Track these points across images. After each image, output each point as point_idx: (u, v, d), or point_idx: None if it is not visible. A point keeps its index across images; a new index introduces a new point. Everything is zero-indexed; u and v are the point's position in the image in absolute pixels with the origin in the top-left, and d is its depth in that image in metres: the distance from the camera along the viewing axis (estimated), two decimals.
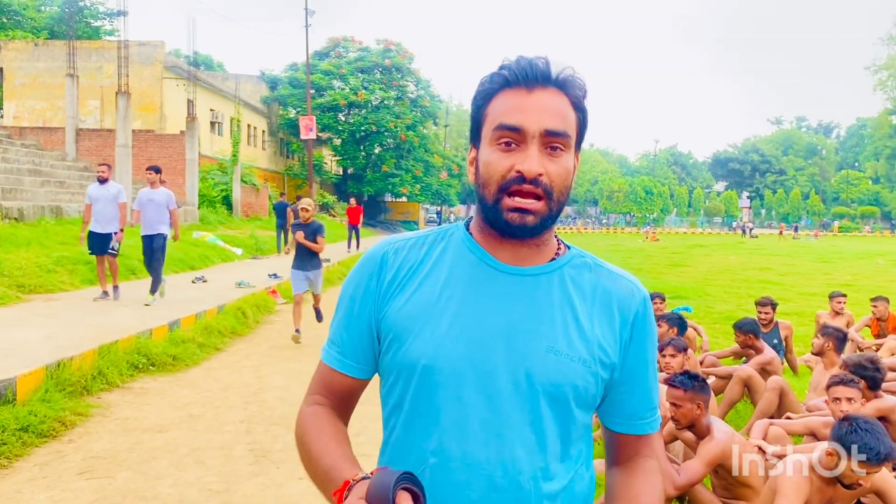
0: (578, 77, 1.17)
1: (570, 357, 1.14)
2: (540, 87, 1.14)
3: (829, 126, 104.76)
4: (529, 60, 1.15)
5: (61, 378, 5.46)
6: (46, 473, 4.16)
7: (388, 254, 1.25)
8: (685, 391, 3.42)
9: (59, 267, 10.52)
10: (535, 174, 1.10)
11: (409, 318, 1.17)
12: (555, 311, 1.17)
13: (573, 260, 1.24)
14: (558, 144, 1.13)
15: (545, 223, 1.15)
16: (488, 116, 1.17)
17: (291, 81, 43.12)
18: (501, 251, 1.20)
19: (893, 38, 78.47)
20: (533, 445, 1.13)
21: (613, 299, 1.22)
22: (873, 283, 15.92)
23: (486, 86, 1.18)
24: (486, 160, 1.15)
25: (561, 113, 1.14)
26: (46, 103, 27.80)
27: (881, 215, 76.30)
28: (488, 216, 1.18)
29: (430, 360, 1.14)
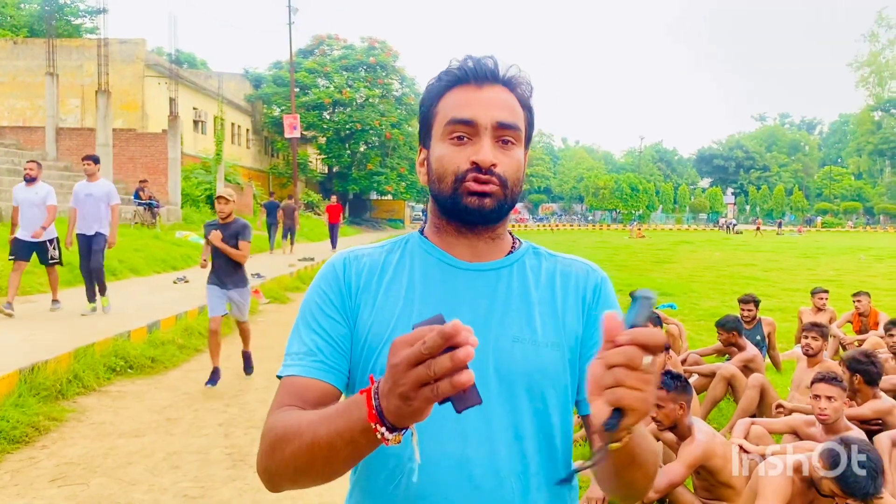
0: (525, 75, 1.21)
1: (535, 343, 1.14)
2: (489, 85, 1.17)
3: (812, 122, 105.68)
4: (477, 59, 1.18)
5: (35, 382, 5.36)
6: (18, 481, 4.07)
7: (347, 260, 1.23)
8: (668, 392, 3.39)
9: (37, 268, 10.35)
10: (489, 163, 1.12)
11: (380, 325, 1.15)
12: (518, 301, 1.18)
13: (528, 252, 1.27)
14: (509, 138, 1.16)
15: (501, 208, 1.16)
16: (438, 114, 1.18)
17: (275, 79, 42.90)
18: (459, 248, 1.21)
19: (875, 35, 79.33)
20: (512, 440, 1.11)
21: (572, 280, 1.24)
22: (856, 279, 16.04)
23: (434, 85, 1.20)
24: (440, 155, 1.17)
25: (511, 107, 1.17)
26: (26, 102, 27.47)
27: (863, 211, 77.03)
28: (445, 207, 1.18)
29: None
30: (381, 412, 0.86)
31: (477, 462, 1.09)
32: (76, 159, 23.76)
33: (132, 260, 12.91)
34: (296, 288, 13.50)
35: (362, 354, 1.16)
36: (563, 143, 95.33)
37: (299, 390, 1.14)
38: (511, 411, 1.12)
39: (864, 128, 78.75)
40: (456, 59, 1.20)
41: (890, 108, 76.47)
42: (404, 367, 0.81)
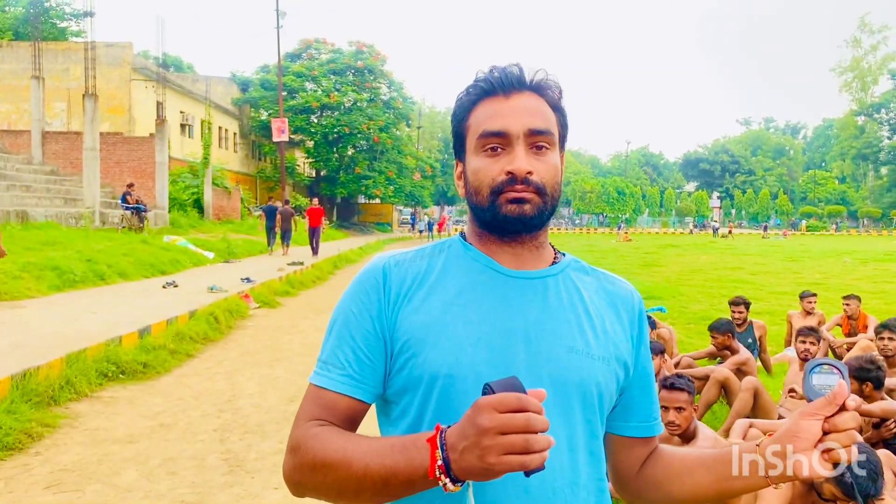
0: (552, 79, 1.20)
1: (589, 356, 1.15)
2: (517, 93, 1.17)
3: (796, 127, 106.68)
4: (503, 69, 1.18)
5: (27, 388, 5.31)
6: (12, 488, 4.04)
7: (388, 266, 1.21)
8: (690, 394, 3.42)
9: (26, 273, 10.27)
10: (524, 172, 1.12)
11: (424, 329, 1.13)
12: (568, 312, 1.18)
13: (572, 264, 1.27)
14: (543, 143, 1.16)
15: (542, 216, 1.16)
16: (471, 128, 1.19)
17: (263, 83, 42.76)
18: (503, 256, 1.20)
19: (858, 40, 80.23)
20: (565, 449, 1.12)
21: (617, 300, 1.25)
22: (841, 282, 16.19)
23: (463, 99, 1.21)
24: (475, 168, 1.17)
25: (542, 113, 1.17)
26: (11, 105, 27.26)
27: (847, 214, 77.74)
28: (485, 218, 1.18)
29: (451, 369, 1.10)
30: (448, 464, 0.91)
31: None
32: (62, 163, 23.63)
33: (121, 264, 12.82)
34: (285, 292, 13.46)
35: (406, 360, 1.13)
36: None
37: (328, 404, 1.14)
38: (566, 421, 1.12)
39: (848, 132, 79.53)
40: (482, 71, 1.20)
41: (873, 113, 77.28)
42: (494, 433, 0.86)
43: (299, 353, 8.09)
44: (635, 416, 1.27)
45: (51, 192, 20.09)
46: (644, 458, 1.27)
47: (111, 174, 24.02)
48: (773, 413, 4.91)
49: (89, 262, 11.87)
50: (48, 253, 11.84)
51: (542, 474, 1.03)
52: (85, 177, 18.91)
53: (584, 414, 1.14)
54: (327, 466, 1.04)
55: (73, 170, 22.97)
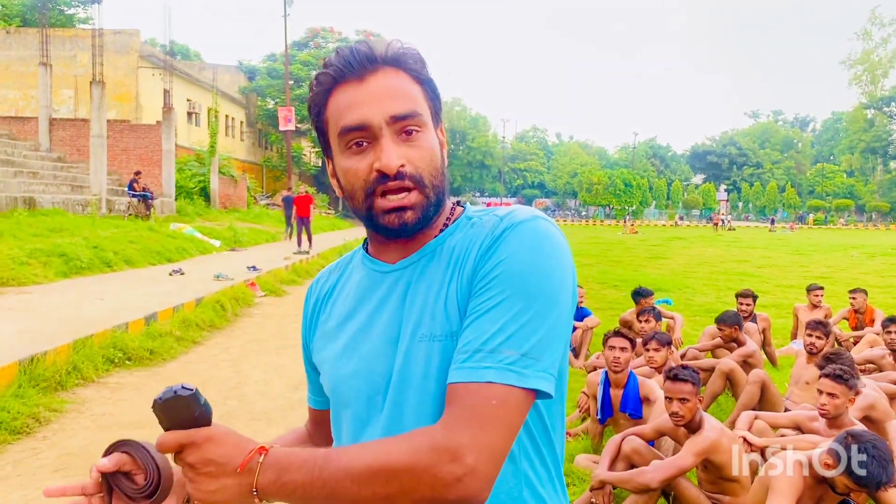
0: (410, 48, 1.06)
1: (432, 338, 1.00)
2: (370, 73, 1.02)
3: (805, 120, 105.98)
4: (350, 48, 1.04)
5: (35, 373, 5.34)
6: (20, 471, 4.06)
7: (314, 284, 1.26)
8: (694, 385, 3.41)
9: (33, 259, 10.30)
10: (395, 167, 1.00)
11: (323, 344, 1.17)
12: (426, 292, 1.03)
13: (459, 227, 1.09)
14: (412, 126, 1.02)
15: (427, 214, 1.04)
16: (329, 123, 1.06)
17: (270, 72, 42.74)
18: (390, 252, 1.11)
19: (868, 33, 79.62)
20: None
21: (472, 243, 1.03)
22: (848, 276, 16.14)
23: (316, 91, 1.07)
24: (343, 169, 1.06)
25: (403, 92, 1.03)
26: (19, 92, 27.29)
27: (855, 208, 77.38)
28: (367, 224, 1.09)
29: (333, 384, 1.13)
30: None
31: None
32: (69, 150, 23.68)
33: (127, 252, 12.85)
34: (291, 281, 13.47)
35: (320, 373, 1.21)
36: (557, 139, 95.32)
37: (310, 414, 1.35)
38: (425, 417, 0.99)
39: (857, 126, 79.03)
40: (329, 56, 1.06)
41: (882, 107, 76.76)
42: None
43: None
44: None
45: (58, 178, 20.14)
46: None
47: (118, 161, 24.06)
48: (780, 406, 4.90)
49: (96, 249, 11.90)
50: (55, 239, 11.86)
51: None
52: (92, 164, 18.93)
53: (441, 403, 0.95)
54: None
55: (79, 157, 23.02)
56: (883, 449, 2.69)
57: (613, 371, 4.37)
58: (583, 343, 7.15)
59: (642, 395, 4.34)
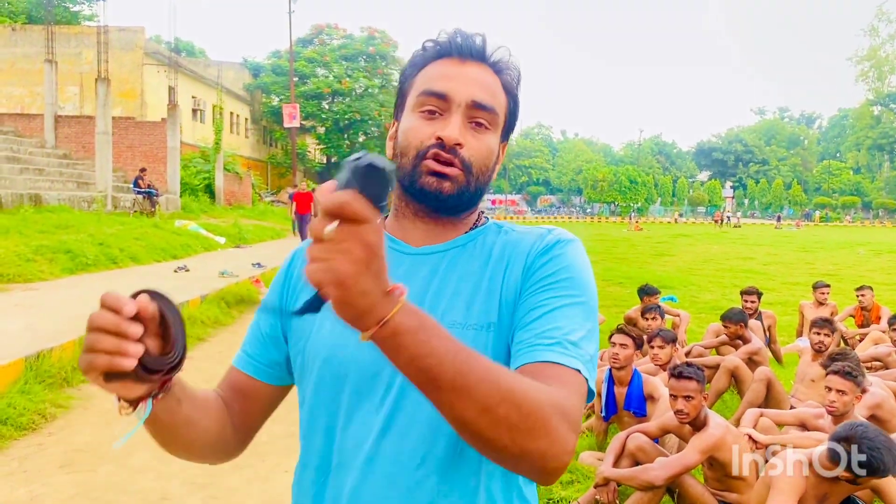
0: (514, 61, 1.13)
1: (473, 328, 1.03)
2: (473, 62, 1.09)
3: (811, 116, 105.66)
4: (466, 34, 1.10)
5: (41, 369, 5.35)
6: (26, 467, 4.08)
7: (298, 252, 1.21)
8: (698, 382, 3.40)
9: (39, 256, 10.34)
10: (454, 141, 1.04)
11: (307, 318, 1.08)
12: (457, 282, 1.07)
13: (488, 231, 1.14)
14: (483, 120, 1.07)
15: (461, 196, 1.07)
16: (415, 85, 1.10)
17: (274, 69, 42.77)
18: (413, 232, 1.12)
19: (875, 29, 79.28)
20: (449, 434, 1.00)
21: (520, 246, 1.09)
22: (855, 273, 16.08)
23: (417, 57, 1.13)
24: (406, 127, 1.09)
25: (492, 89, 1.09)
26: (24, 89, 27.36)
27: (862, 205, 77.08)
28: (404, 184, 1.09)
29: (327, 354, 1.07)
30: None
31: (393, 459, 1.01)
32: (75, 147, 23.73)
33: (132, 248, 12.88)
34: None
35: (296, 345, 1.14)
36: (562, 136, 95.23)
37: (230, 378, 1.21)
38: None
39: (864, 122, 78.76)
40: (445, 31, 1.12)
41: (889, 103, 76.46)
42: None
43: None
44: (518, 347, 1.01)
45: (63, 175, 20.19)
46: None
47: (123, 158, 24.12)
48: (786, 403, 4.89)
49: (101, 246, 11.93)
50: (61, 236, 11.90)
51: (402, 461, 0.99)
52: (97, 161, 18.98)
53: None
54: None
55: (85, 154, 23.07)
56: (886, 439, 2.68)
57: (614, 367, 4.37)
58: None
59: (646, 393, 4.34)
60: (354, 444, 1.04)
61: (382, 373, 1.03)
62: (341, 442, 1.05)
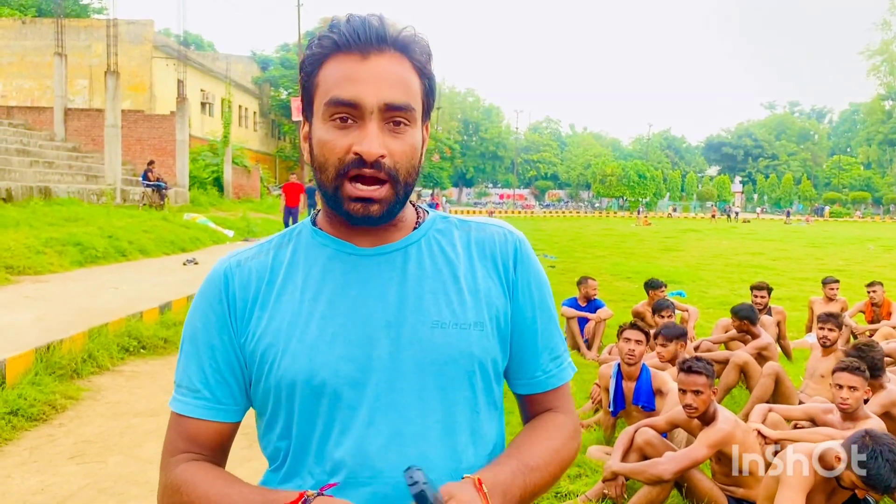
0: (421, 37, 1.03)
1: (458, 326, 1.04)
2: (376, 52, 0.99)
3: (821, 111, 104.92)
4: (362, 19, 1.00)
5: (51, 361, 5.38)
6: (37, 458, 4.11)
7: (229, 270, 1.09)
8: (707, 377, 3.39)
9: (48, 248, 10.39)
10: (375, 156, 0.98)
11: (275, 334, 1.04)
12: (432, 280, 1.06)
13: (436, 223, 1.14)
14: (401, 119, 1.00)
15: (392, 210, 1.03)
16: (319, 87, 1.02)
17: (283, 62, 42.81)
18: (357, 237, 1.08)
19: (887, 23, 78.52)
20: (439, 435, 1.03)
21: (487, 248, 1.12)
22: (865, 269, 15.98)
23: (314, 50, 1.03)
24: (321, 139, 1.01)
25: (403, 82, 1.01)
26: (34, 82, 27.50)
27: (872, 201, 76.58)
28: (330, 204, 1.05)
29: (306, 374, 1.01)
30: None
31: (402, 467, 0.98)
32: (84, 140, 23.83)
33: (142, 241, 12.94)
34: None
35: (261, 371, 1.05)
36: (571, 130, 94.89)
37: (192, 434, 1.08)
38: (438, 407, 1.03)
39: (875, 117, 78.17)
40: (339, 17, 1.02)
41: None
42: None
43: None
44: (523, 373, 1.15)
45: (73, 168, 20.28)
46: (533, 415, 1.18)
47: (132, 151, 24.20)
48: (794, 399, 4.87)
49: (111, 239, 11.98)
50: (70, 229, 11.96)
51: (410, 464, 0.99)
52: (106, 154, 19.06)
53: (460, 391, 1.04)
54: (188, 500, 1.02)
55: (94, 147, 23.17)
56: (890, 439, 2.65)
57: (627, 363, 4.35)
58: (596, 335, 7.13)
59: (655, 388, 4.32)
60: (356, 463, 1.01)
61: (368, 384, 1.02)
62: (338, 462, 1.02)
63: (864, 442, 2.64)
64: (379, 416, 1.01)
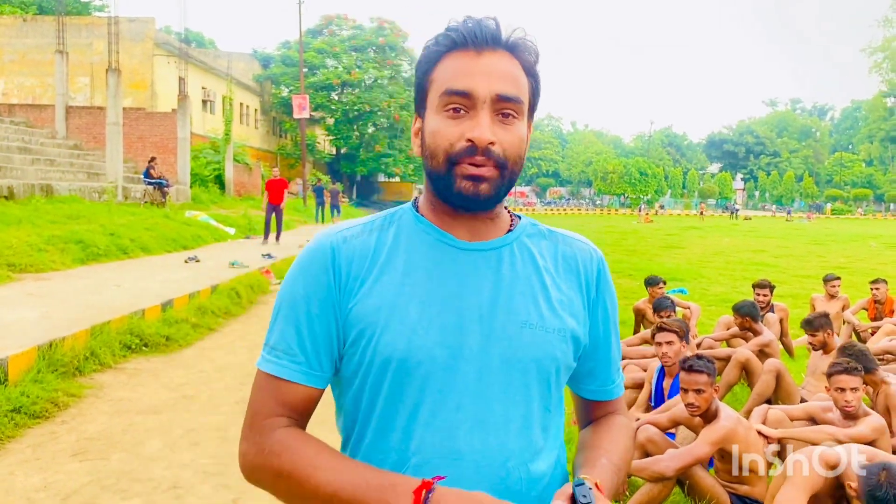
0: (530, 40, 1.11)
1: (544, 329, 1.12)
2: (489, 50, 1.07)
3: (823, 108, 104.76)
4: (478, 21, 1.08)
5: (53, 358, 5.39)
6: (39, 455, 4.11)
7: (336, 243, 1.13)
8: (709, 375, 3.39)
9: (50, 246, 10.40)
10: (486, 142, 1.05)
11: (376, 312, 1.08)
12: (523, 283, 1.14)
13: (527, 229, 1.21)
14: (510, 111, 1.07)
15: (499, 193, 1.09)
16: (434, 82, 1.10)
17: (284, 59, 42.73)
18: (457, 228, 1.14)
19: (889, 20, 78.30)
20: (519, 427, 1.11)
21: (573, 263, 1.20)
22: (867, 266, 15.97)
23: (431, 49, 1.11)
24: (433, 129, 1.09)
25: (513, 77, 1.08)
26: (36, 80, 27.47)
27: (874, 198, 76.48)
28: (439, 189, 1.11)
29: (403, 354, 1.07)
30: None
31: (484, 454, 1.08)
32: (86, 138, 23.82)
33: (143, 239, 12.94)
34: None
35: (356, 345, 1.10)
36: (573, 127, 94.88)
37: (285, 396, 1.11)
38: (519, 400, 1.11)
39: (877, 114, 78.02)
40: (455, 20, 1.10)
41: None
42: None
43: None
44: (593, 381, 1.27)
45: (74, 166, 20.27)
46: (596, 418, 1.30)
47: (134, 149, 24.19)
48: (796, 396, 4.87)
49: (112, 236, 11.99)
50: (72, 226, 11.96)
51: (494, 455, 1.08)
52: (108, 151, 19.04)
53: (538, 389, 1.12)
54: (294, 480, 1.04)
55: (96, 144, 23.16)
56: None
57: (665, 364, 4.42)
58: None
59: None
60: (438, 442, 1.07)
61: (458, 371, 1.08)
62: (422, 441, 1.08)
63: (879, 480, 2.59)
64: (467, 402, 1.08)
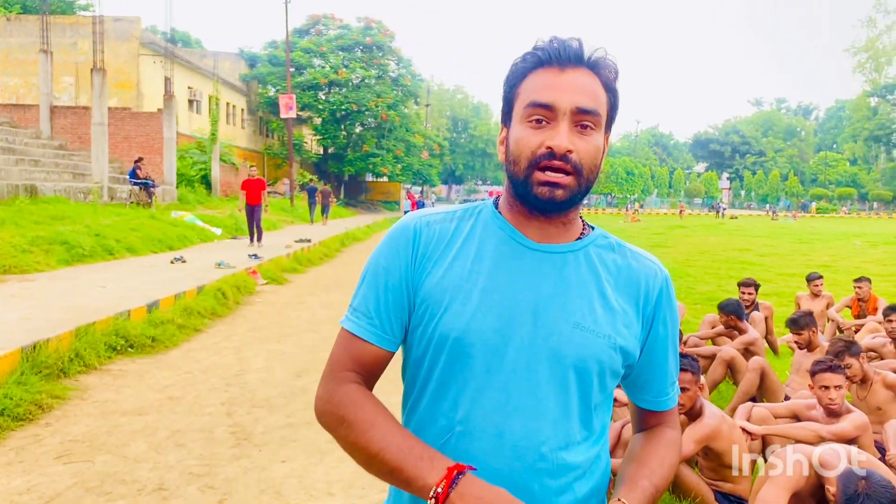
0: (610, 59, 1.22)
1: (595, 333, 1.19)
2: (572, 67, 1.18)
3: (808, 108, 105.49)
4: (563, 41, 1.19)
5: (37, 360, 5.35)
6: (23, 458, 4.08)
7: (419, 225, 1.27)
8: (693, 374, 3.41)
9: (35, 247, 10.31)
10: (564, 149, 1.14)
11: (442, 292, 1.20)
12: (581, 288, 1.22)
13: (598, 240, 1.29)
14: (588, 123, 1.17)
15: (574, 198, 1.19)
16: (520, 95, 1.20)
17: (271, 59, 42.54)
18: (530, 229, 1.24)
19: (873, 20, 79.10)
20: (557, 417, 1.18)
21: (636, 279, 1.27)
22: (851, 264, 16.12)
23: (518, 65, 1.22)
24: (517, 137, 1.19)
25: (592, 92, 1.18)
26: (20, 80, 27.21)
27: (858, 197, 77.19)
28: (518, 191, 1.21)
29: (460, 334, 1.18)
30: (446, 497, 1.05)
31: (522, 435, 1.16)
32: (71, 138, 23.63)
33: (129, 239, 12.87)
34: (293, 269, 13.48)
35: (422, 318, 1.22)
36: None
37: (358, 354, 1.24)
38: (560, 392, 1.19)
39: (860, 114, 78.70)
40: (541, 40, 1.21)
41: (886, 95, 76.42)
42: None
43: (306, 330, 8.12)
44: (645, 391, 1.35)
45: (59, 166, 20.10)
46: (649, 426, 1.37)
47: (119, 149, 24.02)
48: (780, 394, 4.91)
49: (98, 237, 11.91)
50: (57, 227, 11.87)
51: (530, 437, 1.17)
52: (93, 152, 18.89)
53: (579, 386, 1.20)
54: (353, 430, 1.17)
55: (81, 145, 22.97)
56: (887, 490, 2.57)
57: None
58: None
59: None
60: (482, 417, 1.17)
61: (508, 355, 1.18)
62: (468, 413, 1.18)
63: (857, 489, 2.58)
64: (512, 387, 1.17)
